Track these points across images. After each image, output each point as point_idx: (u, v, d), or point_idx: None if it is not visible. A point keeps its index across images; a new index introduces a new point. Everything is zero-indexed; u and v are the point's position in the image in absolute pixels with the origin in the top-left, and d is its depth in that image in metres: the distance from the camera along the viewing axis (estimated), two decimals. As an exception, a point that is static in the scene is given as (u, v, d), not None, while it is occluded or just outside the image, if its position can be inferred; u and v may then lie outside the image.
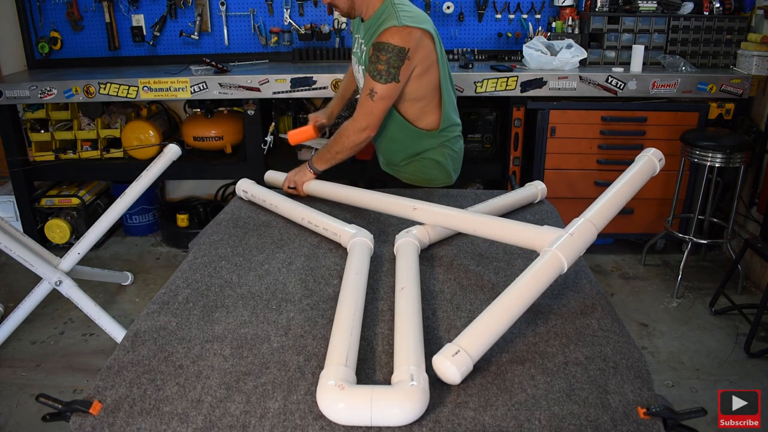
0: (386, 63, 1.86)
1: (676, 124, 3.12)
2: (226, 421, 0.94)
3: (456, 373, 0.99)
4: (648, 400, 0.97)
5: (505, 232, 1.35)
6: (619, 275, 3.23)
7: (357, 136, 1.98)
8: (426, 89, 2.01)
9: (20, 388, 2.36)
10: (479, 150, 3.44)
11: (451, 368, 0.99)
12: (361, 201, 1.72)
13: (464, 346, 1.01)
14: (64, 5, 3.53)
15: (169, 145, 2.53)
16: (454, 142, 2.15)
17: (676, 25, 3.28)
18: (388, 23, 1.87)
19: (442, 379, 1.02)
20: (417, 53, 1.89)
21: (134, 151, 3.44)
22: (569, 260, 1.17)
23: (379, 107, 1.93)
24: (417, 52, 1.89)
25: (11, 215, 3.53)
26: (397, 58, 1.86)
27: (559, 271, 1.16)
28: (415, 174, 2.17)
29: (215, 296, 1.31)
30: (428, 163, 2.13)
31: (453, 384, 1.01)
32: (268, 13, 3.55)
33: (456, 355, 1.00)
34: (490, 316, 1.08)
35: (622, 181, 1.34)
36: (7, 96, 3.15)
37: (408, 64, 1.88)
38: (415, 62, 1.91)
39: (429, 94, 2.02)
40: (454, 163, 2.20)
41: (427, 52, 1.92)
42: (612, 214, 1.28)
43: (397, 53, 1.85)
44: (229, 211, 1.81)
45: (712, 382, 2.36)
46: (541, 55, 3.14)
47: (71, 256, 2.48)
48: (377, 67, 1.88)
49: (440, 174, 2.16)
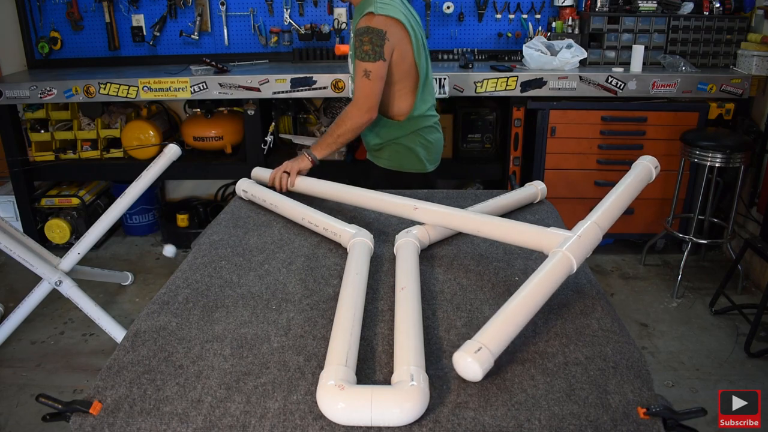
0: (370, 43, 2.00)
1: (676, 124, 3.12)
2: (226, 421, 0.94)
3: (478, 370, 0.99)
4: (648, 400, 0.97)
5: (511, 233, 1.36)
6: (619, 275, 3.23)
7: (360, 117, 2.06)
8: (399, 75, 2.12)
9: (20, 388, 2.36)
10: (479, 150, 3.44)
11: (473, 365, 0.99)
12: (361, 201, 1.72)
13: (486, 342, 1.02)
14: (64, 5, 3.53)
15: (169, 145, 2.53)
16: (427, 132, 2.22)
17: (676, 25, 3.28)
18: (367, 11, 2.03)
19: (461, 375, 1.02)
20: (393, 37, 2.03)
21: (134, 151, 3.44)
22: (578, 261, 1.20)
23: (377, 86, 2.05)
24: (393, 36, 2.03)
25: (11, 215, 3.53)
26: (379, 38, 2.00)
27: (568, 271, 1.19)
28: (389, 159, 2.26)
29: (215, 296, 1.31)
30: (400, 149, 2.22)
31: (473, 381, 1.01)
32: (268, 13, 3.55)
33: (478, 351, 1.00)
34: (508, 313, 1.09)
35: (623, 186, 1.38)
36: (7, 96, 3.16)
37: (388, 45, 2.02)
38: (393, 44, 2.04)
39: (401, 80, 2.13)
40: (428, 153, 2.26)
41: (398, 38, 2.05)
42: (615, 217, 1.31)
43: (377, 33, 2.00)
44: (229, 211, 1.81)
45: (712, 382, 2.36)
46: (541, 55, 3.14)
47: (71, 256, 2.48)
48: (364, 48, 2.01)
49: (412, 161, 2.24)
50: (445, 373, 1.04)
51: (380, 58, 2.01)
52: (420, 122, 2.20)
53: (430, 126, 2.24)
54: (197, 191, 4.01)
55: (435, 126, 2.27)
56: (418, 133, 2.20)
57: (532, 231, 1.33)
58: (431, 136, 2.25)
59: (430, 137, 2.24)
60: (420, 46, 2.14)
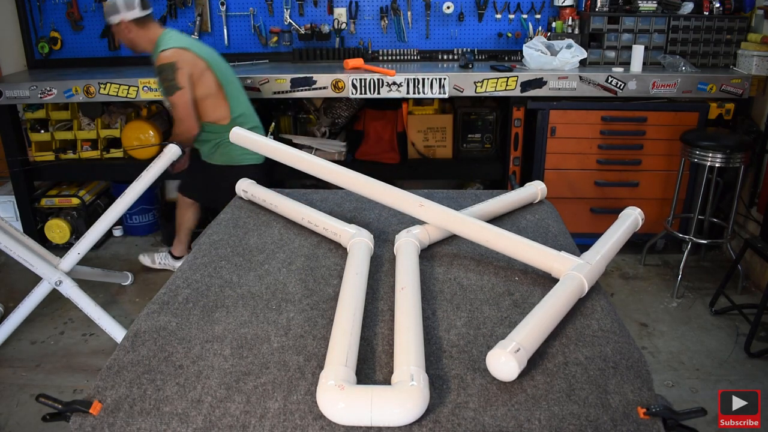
0: (165, 80, 2.48)
1: (676, 124, 3.12)
2: (226, 421, 0.94)
3: (516, 369, 1.00)
4: (648, 400, 0.97)
5: (519, 252, 1.38)
6: (619, 275, 3.23)
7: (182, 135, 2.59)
8: (207, 89, 2.62)
9: (20, 388, 2.36)
10: (479, 150, 3.44)
11: (511, 363, 1.00)
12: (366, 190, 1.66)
13: (524, 344, 1.03)
14: (64, 5, 3.53)
15: (169, 145, 2.54)
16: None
17: (676, 25, 3.28)
18: (157, 52, 2.53)
19: (492, 372, 1.02)
20: (184, 63, 2.50)
21: (134, 151, 3.44)
22: (590, 285, 1.27)
23: (184, 111, 2.55)
24: (184, 63, 2.50)
25: (11, 215, 3.53)
26: (171, 71, 2.47)
27: (580, 294, 1.25)
28: (224, 156, 2.75)
29: (215, 296, 1.31)
30: (231, 147, 2.58)
31: (506, 380, 1.01)
32: (268, 13, 3.55)
33: (518, 352, 1.01)
34: (539, 317, 1.12)
35: (617, 234, 1.45)
36: (7, 96, 3.16)
37: (181, 72, 2.48)
38: (186, 70, 2.50)
39: (212, 92, 2.63)
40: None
41: (190, 61, 2.53)
42: (613, 254, 1.40)
43: (169, 67, 2.47)
44: (229, 211, 1.81)
45: (712, 382, 2.36)
46: (541, 55, 3.14)
47: (71, 256, 2.48)
48: (163, 86, 2.53)
49: (244, 154, 2.65)
50: (445, 373, 1.05)
51: (176, 90, 2.49)
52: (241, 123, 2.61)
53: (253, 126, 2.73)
54: (197, 191, 4.01)
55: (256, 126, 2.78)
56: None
57: (540, 252, 1.36)
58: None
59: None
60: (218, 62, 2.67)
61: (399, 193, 1.58)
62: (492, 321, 1.21)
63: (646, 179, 3.23)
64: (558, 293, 1.20)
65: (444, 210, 1.49)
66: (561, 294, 1.20)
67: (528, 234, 1.56)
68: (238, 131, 1.90)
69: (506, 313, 1.24)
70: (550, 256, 1.33)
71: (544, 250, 1.35)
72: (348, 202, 1.86)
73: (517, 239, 1.39)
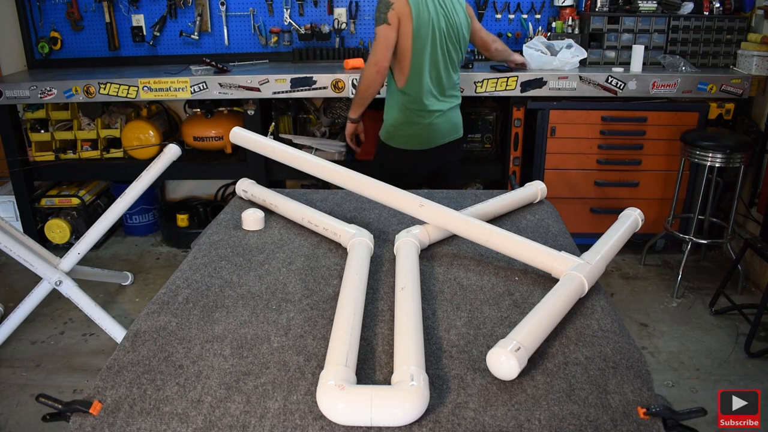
0: (378, 10, 2.38)
1: (676, 124, 3.12)
2: (226, 421, 0.94)
3: (516, 368, 1.00)
4: (648, 400, 0.97)
5: (519, 252, 1.38)
6: (619, 275, 3.23)
7: (367, 69, 2.44)
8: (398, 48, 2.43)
9: (20, 388, 2.36)
10: (479, 150, 3.44)
11: (511, 362, 1.00)
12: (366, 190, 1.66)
13: (524, 343, 1.03)
14: (64, 5, 3.53)
15: (169, 145, 2.53)
16: (414, 114, 2.50)
17: (676, 25, 3.28)
18: None
19: (493, 371, 1.02)
20: (398, 7, 2.35)
21: (134, 151, 3.44)
22: (590, 285, 1.28)
23: (381, 45, 2.39)
24: (398, 7, 2.35)
25: (11, 215, 3.53)
26: (384, 6, 2.36)
27: (580, 294, 1.25)
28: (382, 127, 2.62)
29: (215, 296, 1.31)
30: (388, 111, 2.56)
31: (506, 379, 1.01)
32: (268, 13, 3.55)
33: (518, 351, 1.01)
34: (540, 316, 1.12)
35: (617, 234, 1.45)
36: (7, 96, 3.16)
37: (393, 13, 2.35)
38: (397, 12, 2.35)
39: (399, 54, 2.43)
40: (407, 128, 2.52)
41: (403, 13, 2.35)
42: (613, 254, 1.40)
43: (385, 2, 2.36)
44: (229, 211, 1.81)
45: (712, 382, 2.36)
46: (541, 55, 3.14)
47: (71, 256, 2.48)
48: (375, 15, 2.42)
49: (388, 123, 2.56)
50: (445, 373, 1.05)
51: (383, 22, 2.35)
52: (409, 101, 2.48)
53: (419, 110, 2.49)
54: (197, 191, 4.01)
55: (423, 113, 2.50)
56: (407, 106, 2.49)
57: (540, 252, 1.36)
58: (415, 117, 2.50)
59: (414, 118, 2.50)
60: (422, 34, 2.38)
61: (399, 193, 1.58)
62: (492, 321, 1.21)
63: (646, 179, 3.24)
64: (558, 293, 1.20)
65: (444, 210, 1.49)
66: (561, 294, 1.20)
67: (528, 234, 1.56)
68: (238, 131, 1.89)
69: (506, 313, 1.24)
70: (550, 256, 1.33)
71: (544, 250, 1.35)
72: (348, 202, 1.86)
73: (517, 239, 1.39)
